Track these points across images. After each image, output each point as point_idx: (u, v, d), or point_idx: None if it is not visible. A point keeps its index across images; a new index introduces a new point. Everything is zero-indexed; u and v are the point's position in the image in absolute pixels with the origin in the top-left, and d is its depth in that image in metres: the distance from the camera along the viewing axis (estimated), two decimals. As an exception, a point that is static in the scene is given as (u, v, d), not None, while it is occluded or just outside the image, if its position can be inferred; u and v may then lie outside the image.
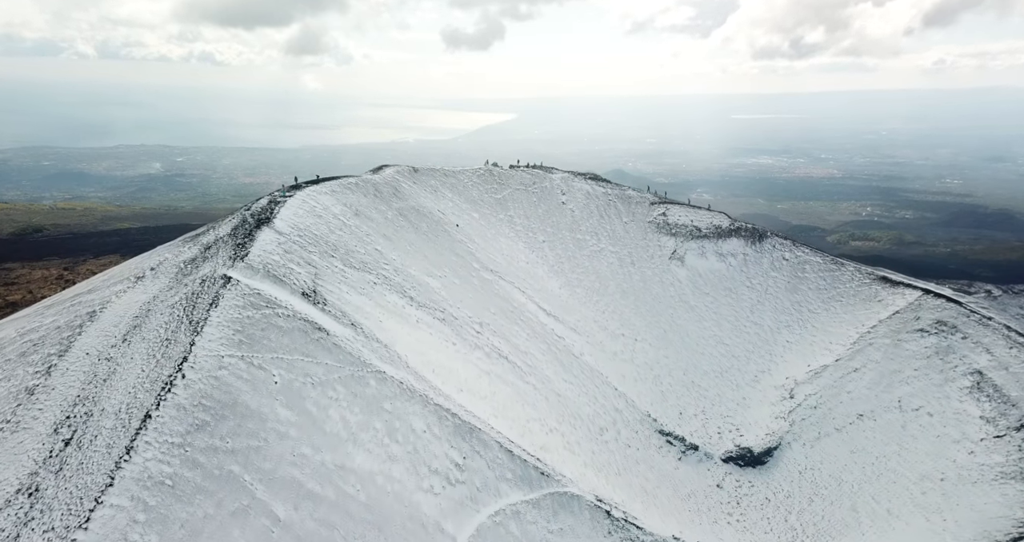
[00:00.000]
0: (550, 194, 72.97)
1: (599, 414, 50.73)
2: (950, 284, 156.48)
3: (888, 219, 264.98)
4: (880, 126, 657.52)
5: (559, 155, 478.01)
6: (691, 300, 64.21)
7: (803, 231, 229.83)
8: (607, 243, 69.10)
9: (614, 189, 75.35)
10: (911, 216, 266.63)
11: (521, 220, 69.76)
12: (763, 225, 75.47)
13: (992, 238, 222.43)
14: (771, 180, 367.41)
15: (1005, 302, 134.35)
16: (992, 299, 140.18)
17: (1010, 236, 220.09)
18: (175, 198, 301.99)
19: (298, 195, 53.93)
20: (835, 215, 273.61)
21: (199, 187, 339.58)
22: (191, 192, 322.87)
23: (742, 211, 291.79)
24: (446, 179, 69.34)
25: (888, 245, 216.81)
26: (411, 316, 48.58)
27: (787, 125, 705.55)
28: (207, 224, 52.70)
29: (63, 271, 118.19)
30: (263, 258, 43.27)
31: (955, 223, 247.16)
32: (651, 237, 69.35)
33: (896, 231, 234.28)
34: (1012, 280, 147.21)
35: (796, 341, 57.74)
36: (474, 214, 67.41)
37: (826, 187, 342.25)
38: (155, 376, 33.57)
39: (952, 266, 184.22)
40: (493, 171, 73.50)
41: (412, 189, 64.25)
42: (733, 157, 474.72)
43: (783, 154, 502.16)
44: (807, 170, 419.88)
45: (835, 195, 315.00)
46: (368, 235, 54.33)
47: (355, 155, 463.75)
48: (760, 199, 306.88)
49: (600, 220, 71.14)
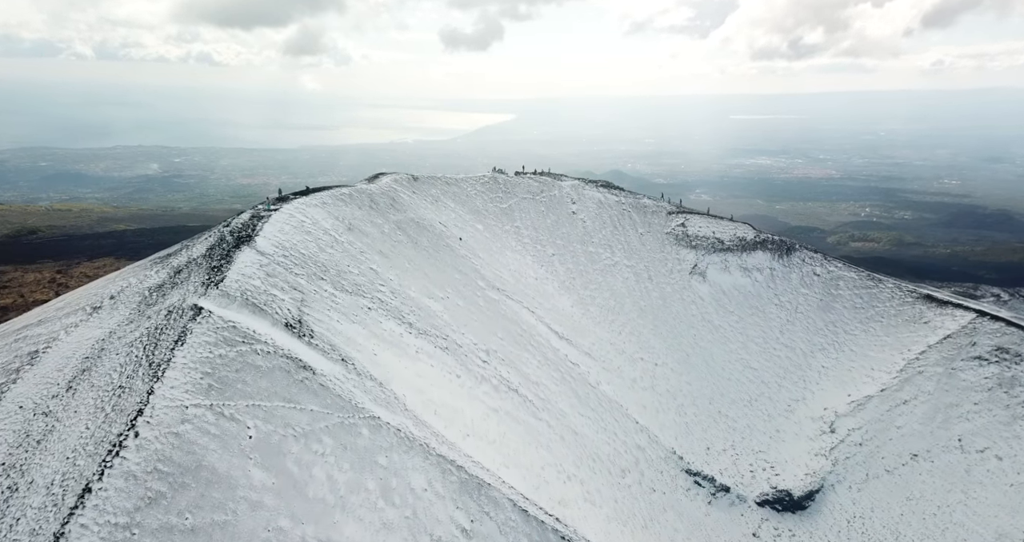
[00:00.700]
0: (559, 203, 67.13)
1: (620, 453, 44.93)
2: (955, 286, 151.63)
3: (887, 220, 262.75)
4: (879, 127, 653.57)
5: (558, 156, 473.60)
6: (715, 319, 58.45)
7: (802, 232, 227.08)
8: (622, 256, 63.30)
9: (628, 197, 69.51)
10: (910, 217, 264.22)
11: (529, 232, 63.92)
12: (761, 225, 69.99)
13: (992, 239, 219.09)
14: (770, 181, 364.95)
15: (1015, 307, 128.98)
16: (1002, 304, 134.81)
17: (1010, 237, 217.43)
18: (173, 199, 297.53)
19: (284, 209, 48.03)
20: (834, 216, 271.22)
21: (197, 188, 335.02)
22: (189, 193, 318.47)
23: (741, 212, 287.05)
24: (448, 188, 63.46)
25: (888, 246, 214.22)
26: (410, 346, 42.86)
27: (786, 126, 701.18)
28: (181, 242, 46.72)
29: (56, 274, 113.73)
30: (241, 283, 37.44)
31: (955, 224, 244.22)
32: (669, 250, 63.55)
33: (896, 232, 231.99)
34: (1017, 282, 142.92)
35: (832, 366, 52.04)
36: (478, 226, 61.57)
37: (825, 188, 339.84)
38: (102, 435, 27.55)
39: (955, 268, 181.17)
40: (498, 178, 67.67)
41: (411, 199, 58.39)
42: (732, 158, 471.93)
43: (782, 155, 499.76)
44: (806, 171, 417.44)
45: (834, 196, 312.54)
46: (362, 252, 48.52)
47: (354, 155, 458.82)
48: (759, 200, 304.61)
49: (614, 231, 65.32)
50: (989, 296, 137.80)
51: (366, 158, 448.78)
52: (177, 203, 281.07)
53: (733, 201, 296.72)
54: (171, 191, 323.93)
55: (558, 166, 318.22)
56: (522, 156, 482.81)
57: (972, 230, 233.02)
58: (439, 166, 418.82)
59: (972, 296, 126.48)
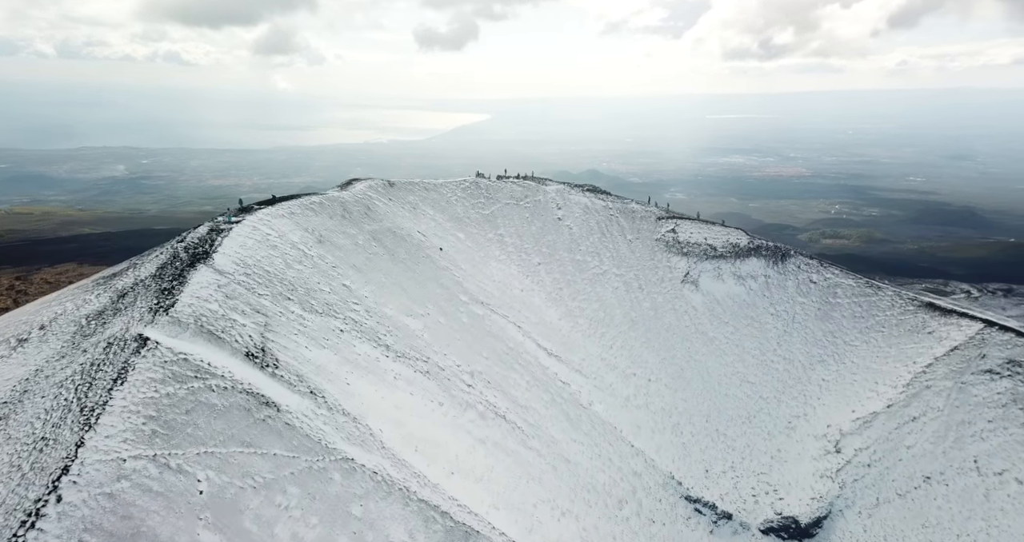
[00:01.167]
0: (544, 209, 63.43)
1: (616, 482, 41.43)
2: (926, 283, 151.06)
3: (857, 217, 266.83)
4: (847, 126, 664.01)
5: (535, 155, 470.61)
6: (709, 331, 55.31)
7: (775, 229, 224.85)
8: (610, 265, 59.84)
9: (615, 202, 66.07)
10: (878, 213, 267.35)
11: (513, 240, 60.12)
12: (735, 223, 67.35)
13: (957, 235, 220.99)
14: (743, 179, 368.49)
15: (986, 303, 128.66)
16: (973, 300, 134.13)
17: (974, 233, 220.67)
18: (140, 201, 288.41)
19: (248, 221, 43.48)
20: (806, 213, 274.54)
21: (166, 190, 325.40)
22: (157, 195, 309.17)
23: (715, 210, 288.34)
24: (427, 194, 59.33)
25: (858, 243, 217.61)
26: (387, 371, 38.84)
27: (758, 125, 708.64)
28: (129, 260, 41.98)
29: (15, 281, 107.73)
30: (196, 308, 33.02)
31: (921, 220, 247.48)
32: (660, 257, 60.28)
33: (866, 229, 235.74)
34: (983, 278, 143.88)
35: (833, 380, 49.21)
36: (459, 234, 57.59)
37: (796, 186, 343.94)
38: (15, 502, 23.12)
39: (924, 264, 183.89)
40: (479, 183, 63.72)
41: (387, 207, 54.16)
42: (706, 157, 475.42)
43: (754, 153, 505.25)
44: (778, 169, 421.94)
45: (805, 193, 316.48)
46: (334, 267, 44.25)
47: (329, 156, 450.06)
48: (733, 198, 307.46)
49: (601, 238, 61.84)
50: (959, 292, 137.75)
51: (341, 159, 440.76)
52: (145, 205, 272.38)
53: (707, 199, 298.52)
54: (139, 193, 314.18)
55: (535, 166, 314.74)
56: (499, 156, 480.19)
57: (938, 226, 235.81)
58: (415, 166, 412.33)
59: (942, 292, 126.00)
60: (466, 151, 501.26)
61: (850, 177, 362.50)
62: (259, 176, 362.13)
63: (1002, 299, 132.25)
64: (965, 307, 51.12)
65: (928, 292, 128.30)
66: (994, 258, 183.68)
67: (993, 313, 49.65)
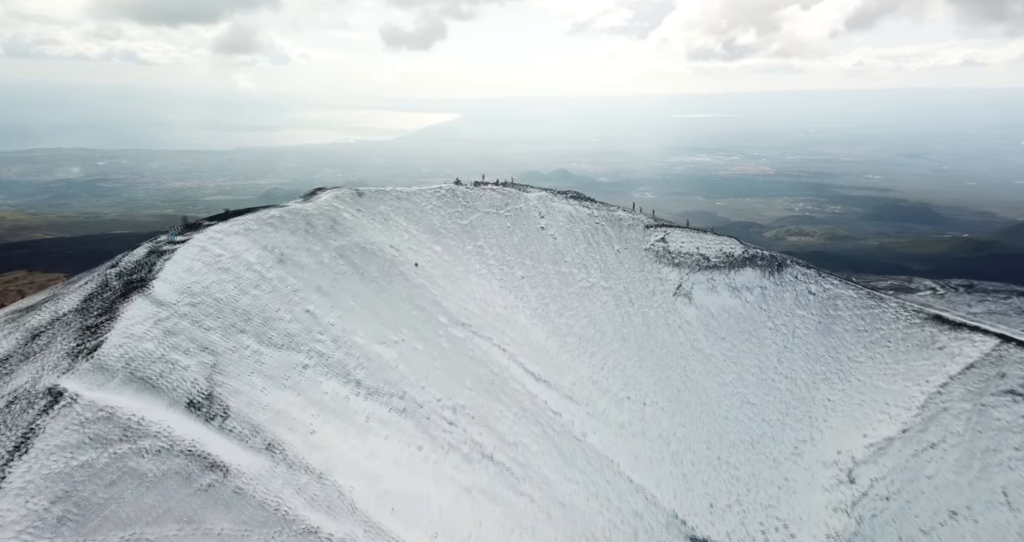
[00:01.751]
0: (526, 218, 58.70)
1: (616, 525, 36.99)
2: (891, 279, 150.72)
3: (820, 214, 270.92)
4: (808, 125, 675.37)
5: (504, 155, 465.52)
6: (705, 347, 51.34)
7: (742, 227, 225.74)
8: (598, 277, 55.45)
9: (601, 209, 61.69)
10: (840, 210, 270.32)
11: (494, 251, 55.26)
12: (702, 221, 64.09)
13: (915, 231, 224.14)
14: (709, 178, 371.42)
15: (953, 300, 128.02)
16: (939, 297, 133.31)
17: (930, 229, 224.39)
18: (97, 204, 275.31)
19: (196, 239, 37.68)
20: (771, 211, 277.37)
21: (124, 192, 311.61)
22: (115, 198, 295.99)
23: (683, 208, 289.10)
24: (399, 203, 54.01)
25: (822, 240, 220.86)
26: (358, 412, 33.70)
27: (722, 124, 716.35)
28: (51, 290, 35.87)
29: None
30: (127, 349, 27.42)
31: (881, 217, 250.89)
32: (650, 268, 56.11)
33: (829, 226, 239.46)
34: (944, 274, 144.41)
35: (840, 400, 45.70)
36: (436, 247, 52.48)
37: (761, 184, 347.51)
38: None
39: (886, 260, 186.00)
40: (457, 191, 58.66)
41: (356, 220, 48.75)
42: (672, 156, 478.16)
43: (719, 152, 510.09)
44: (742, 167, 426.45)
45: (769, 191, 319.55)
46: (296, 291, 38.83)
47: (295, 157, 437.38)
48: (699, 196, 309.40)
49: (588, 248, 57.42)
50: (924, 289, 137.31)
51: (308, 160, 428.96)
52: (102, 209, 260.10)
53: (675, 198, 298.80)
54: (95, 196, 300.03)
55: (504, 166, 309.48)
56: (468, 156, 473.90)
57: (896, 223, 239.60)
58: (383, 167, 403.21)
59: (907, 289, 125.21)
60: (435, 151, 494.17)
61: (812, 175, 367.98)
62: (223, 178, 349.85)
63: (966, 296, 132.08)
64: (977, 320, 48.16)
65: (894, 289, 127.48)
66: (951, 253, 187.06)
67: (1007, 328, 46.80)
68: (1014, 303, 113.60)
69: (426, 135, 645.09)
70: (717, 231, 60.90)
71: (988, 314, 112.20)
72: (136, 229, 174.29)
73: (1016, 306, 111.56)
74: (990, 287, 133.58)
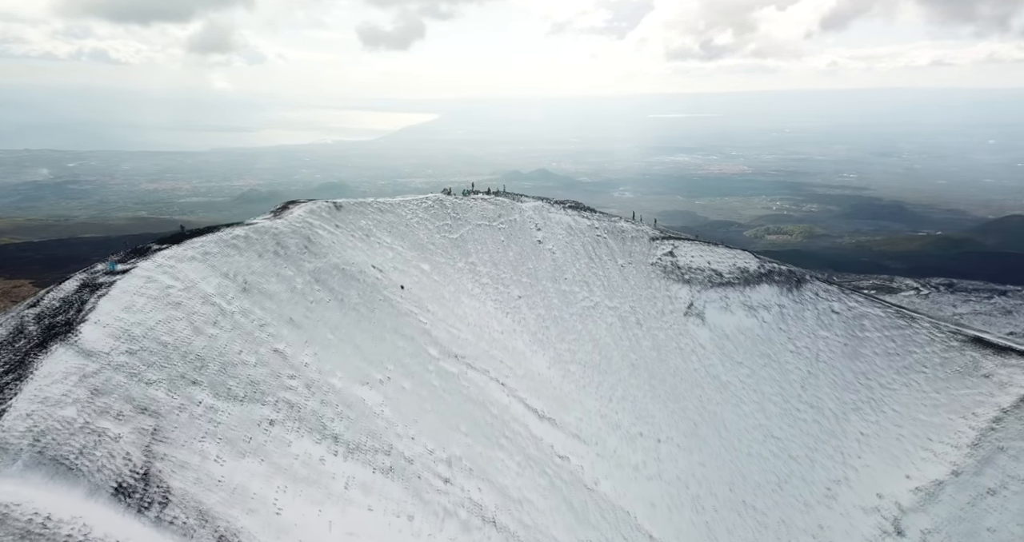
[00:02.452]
0: (522, 230, 53.13)
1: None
2: (872, 279, 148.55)
3: (797, 213, 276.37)
4: (784, 124, 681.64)
5: (484, 155, 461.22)
6: (721, 373, 46.35)
7: (721, 226, 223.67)
8: (602, 296, 50.12)
9: (602, 220, 56.34)
10: (816, 209, 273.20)
11: (487, 268, 49.60)
12: (682, 220, 59.52)
13: (890, 229, 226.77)
14: (688, 177, 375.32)
15: (937, 300, 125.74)
16: (923, 297, 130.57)
17: (904, 226, 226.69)
18: (67, 207, 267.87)
19: (141, 268, 31.41)
20: (749, 210, 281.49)
21: (95, 194, 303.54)
22: (86, 200, 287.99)
23: (663, 208, 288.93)
24: (382, 217, 48.05)
25: (801, 238, 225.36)
26: (336, 477, 27.94)
27: (700, 124, 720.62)
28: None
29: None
30: (38, 419, 21.29)
31: (856, 215, 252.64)
32: (658, 285, 50.97)
33: (806, 224, 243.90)
34: (922, 272, 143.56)
35: (875, 433, 41.04)
36: (424, 266, 46.64)
37: (739, 183, 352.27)
38: None
39: (864, 259, 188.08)
40: (445, 201, 52.84)
41: (334, 237, 42.74)
42: (652, 155, 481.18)
43: (698, 152, 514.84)
44: (721, 167, 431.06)
45: (747, 191, 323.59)
46: (264, 325, 32.88)
47: (272, 158, 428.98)
48: (679, 196, 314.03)
49: (589, 264, 52.05)
50: (906, 288, 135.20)
51: (285, 161, 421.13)
52: (72, 211, 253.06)
53: (655, 197, 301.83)
54: (65, 199, 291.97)
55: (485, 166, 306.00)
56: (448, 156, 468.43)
57: (871, 221, 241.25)
58: (363, 167, 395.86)
59: (889, 289, 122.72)
60: (415, 152, 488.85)
61: (788, 174, 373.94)
62: (198, 179, 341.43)
63: (949, 295, 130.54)
64: (1017, 341, 43.88)
65: (876, 288, 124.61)
66: (926, 251, 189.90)
67: None
68: (998, 303, 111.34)
69: (405, 135, 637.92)
70: (729, 244, 56.09)
71: (974, 315, 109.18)
72: (107, 232, 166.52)
73: (1000, 306, 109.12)
74: (970, 286, 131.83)
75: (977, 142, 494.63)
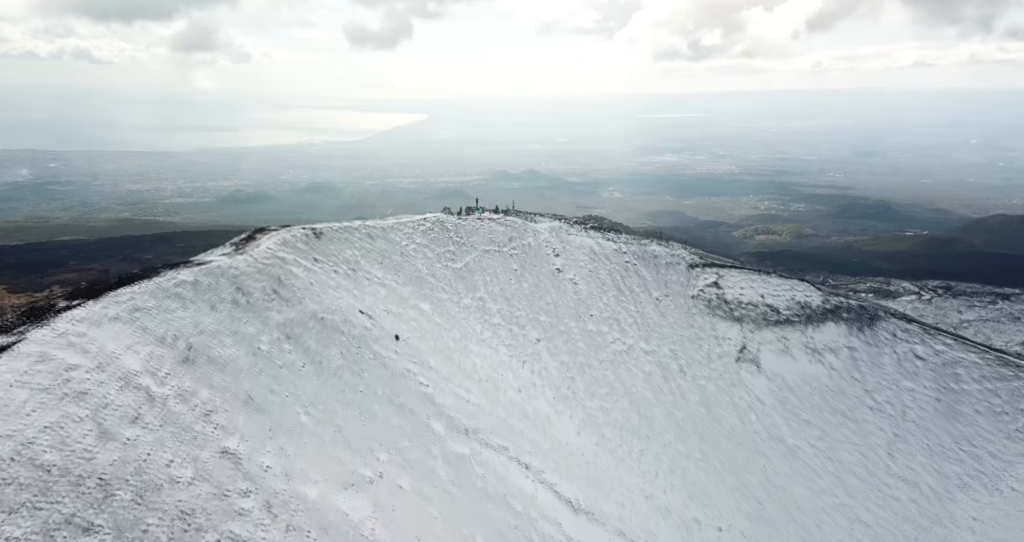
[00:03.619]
0: (537, 256, 43.90)
1: None
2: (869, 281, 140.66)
3: (785, 212, 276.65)
4: (770, 124, 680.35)
5: (474, 155, 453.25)
6: (787, 436, 37.57)
7: (711, 226, 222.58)
8: (636, 337, 41.06)
9: (630, 243, 47.18)
10: (804, 209, 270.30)
11: (499, 305, 40.31)
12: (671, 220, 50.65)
13: (876, 229, 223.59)
14: (676, 177, 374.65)
15: (941, 306, 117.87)
16: (926, 303, 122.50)
17: (890, 226, 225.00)
18: (48, 208, 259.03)
19: (33, 339, 21.87)
20: (737, 210, 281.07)
21: (77, 195, 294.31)
22: (68, 201, 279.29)
23: (652, 208, 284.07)
24: (372, 244, 38.51)
25: (790, 239, 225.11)
26: None
27: (688, 124, 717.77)
28: None
29: None
30: None
31: (843, 215, 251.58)
32: (701, 323, 42.04)
33: (795, 224, 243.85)
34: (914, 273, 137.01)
35: (992, 520, 32.49)
36: (423, 305, 37.25)
37: (727, 183, 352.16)
38: None
39: (855, 260, 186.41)
40: (446, 223, 43.37)
41: (312, 276, 33.23)
42: (641, 155, 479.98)
43: (686, 151, 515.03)
44: (708, 167, 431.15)
45: (735, 190, 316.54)
46: (210, 413, 23.49)
47: (257, 158, 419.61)
48: (668, 196, 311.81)
49: (619, 297, 42.99)
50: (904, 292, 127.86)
51: (271, 161, 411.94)
52: (53, 213, 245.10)
53: (644, 198, 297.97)
54: (46, 199, 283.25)
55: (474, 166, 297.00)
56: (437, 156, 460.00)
57: (858, 220, 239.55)
58: (350, 168, 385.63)
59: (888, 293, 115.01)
60: (403, 152, 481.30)
61: (775, 174, 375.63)
62: (182, 180, 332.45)
63: (951, 300, 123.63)
64: None
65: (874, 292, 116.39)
66: (915, 251, 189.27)
67: None
68: (1004, 308, 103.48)
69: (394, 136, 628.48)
70: (784, 273, 47.24)
71: (981, 321, 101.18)
72: (88, 235, 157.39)
73: (1007, 312, 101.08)
74: (968, 289, 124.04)
75: (959, 142, 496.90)
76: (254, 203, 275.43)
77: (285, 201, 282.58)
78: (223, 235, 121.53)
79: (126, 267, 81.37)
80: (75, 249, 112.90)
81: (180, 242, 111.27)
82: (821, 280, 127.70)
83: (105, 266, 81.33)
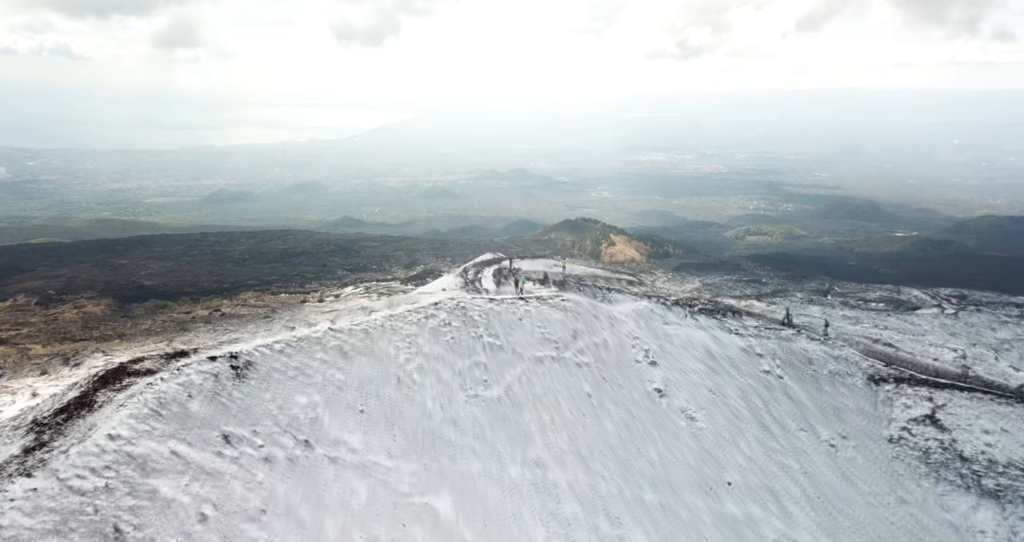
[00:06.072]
0: (620, 366, 24.82)
1: None
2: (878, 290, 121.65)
3: (774, 212, 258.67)
4: (757, 124, 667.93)
5: (462, 154, 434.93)
6: None
7: (701, 227, 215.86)
8: (811, 526, 22.29)
9: (766, 338, 28.04)
10: (792, 209, 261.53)
11: (569, 474, 21.18)
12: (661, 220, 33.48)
13: (866, 229, 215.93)
14: (664, 177, 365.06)
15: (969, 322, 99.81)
16: (952, 318, 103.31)
17: (880, 226, 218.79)
18: (25, 208, 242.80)
19: None
20: (726, 210, 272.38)
21: (56, 194, 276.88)
22: (46, 200, 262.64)
23: (641, 208, 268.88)
24: (345, 372, 19.18)
25: (781, 239, 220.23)
26: None
27: (676, 123, 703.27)
28: None
29: None
30: None
31: (832, 214, 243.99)
32: (918, 495, 23.47)
33: (785, 225, 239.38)
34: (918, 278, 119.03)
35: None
36: (439, 504, 18.10)
37: (715, 182, 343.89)
38: None
39: (851, 262, 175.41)
40: (471, 310, 24.03)
41: (195, 504, 13.68)
42: (629, 155, 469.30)
43: (674, 151, 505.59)
44: (696, 166, 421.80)
45: (724, 190, 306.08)
46: None
47: (242, 157, 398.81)
48: (656, 196, 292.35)
49: (765, 443, 24.26)
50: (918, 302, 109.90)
51: (256, 160, 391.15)
52: (31, 212, 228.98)
53: (632, 197, 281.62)
54: (23, 198, 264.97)
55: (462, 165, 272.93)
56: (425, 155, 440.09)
57: (847, 220, 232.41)
58: (337, 166, 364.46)
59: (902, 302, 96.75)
60: (390, 150, 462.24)
61: (762, 173, 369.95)
62: (165, 179, 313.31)
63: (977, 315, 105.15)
64: None
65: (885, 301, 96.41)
66: (909, 253, 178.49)
67: None
68: None
69: (381, 134, 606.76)
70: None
71: (1019, 341, 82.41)
72: (65, 236, 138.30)
73: None
74: (984, 298, 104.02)
75: (942, 142, 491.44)
76: (239, 202, 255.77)
77: (270, 200, 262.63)
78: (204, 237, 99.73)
79: (97, 273, 64.84)
80: (45, 253, 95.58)
81: (158, 246, 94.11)
82: (827, 288, 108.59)
83: (76, 272, 68.80)
